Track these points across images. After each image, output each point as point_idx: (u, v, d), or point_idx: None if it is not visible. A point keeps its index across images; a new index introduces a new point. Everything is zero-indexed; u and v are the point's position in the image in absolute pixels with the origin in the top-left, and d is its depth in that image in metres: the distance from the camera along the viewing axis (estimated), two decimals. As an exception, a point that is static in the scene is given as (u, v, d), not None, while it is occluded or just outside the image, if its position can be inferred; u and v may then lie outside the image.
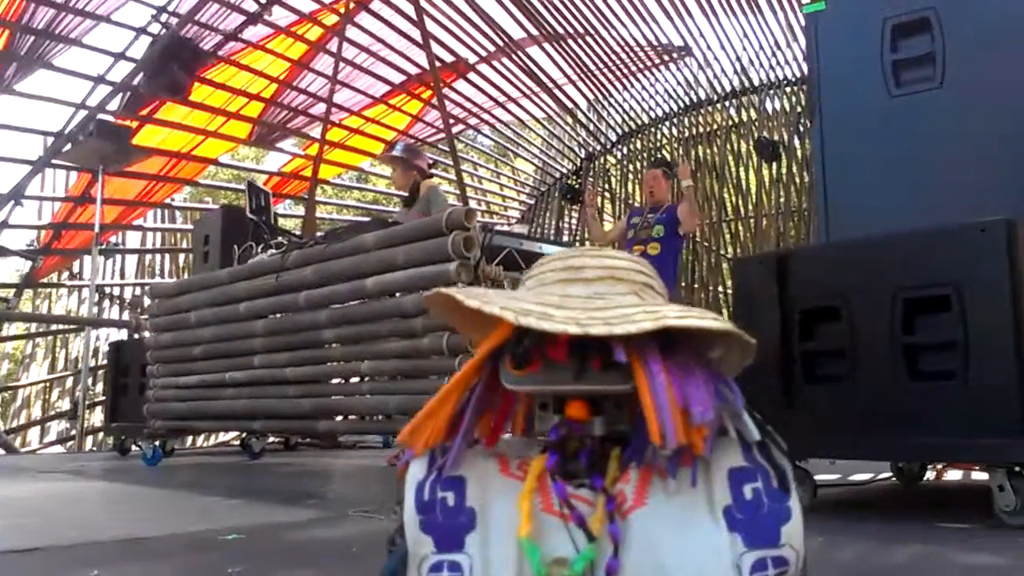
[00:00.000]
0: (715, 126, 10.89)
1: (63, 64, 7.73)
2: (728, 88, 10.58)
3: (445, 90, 9.17)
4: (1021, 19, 2.71)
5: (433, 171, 4.79)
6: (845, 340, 2.48)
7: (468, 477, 0.80)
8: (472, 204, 11.06)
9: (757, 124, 10.37)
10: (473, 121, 11.07)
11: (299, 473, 4.47)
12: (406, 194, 4.62)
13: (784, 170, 9.90)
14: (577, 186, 11.63)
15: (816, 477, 2.67)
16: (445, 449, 0.81)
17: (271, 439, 5.97)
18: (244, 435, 5.59)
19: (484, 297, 0.79)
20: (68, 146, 7.45)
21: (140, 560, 1.83)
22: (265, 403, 3.91)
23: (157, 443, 4.70)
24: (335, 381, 3.89)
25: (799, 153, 9.70)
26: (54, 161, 8.00)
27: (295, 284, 3.73)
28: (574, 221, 12.16)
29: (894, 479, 3.30)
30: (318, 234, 4.36)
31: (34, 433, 10.02)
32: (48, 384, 10.34)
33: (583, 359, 0.77)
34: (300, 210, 9.88)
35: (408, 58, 9.20)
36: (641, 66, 10.55)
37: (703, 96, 10.84)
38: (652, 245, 4.62)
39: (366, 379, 3.66)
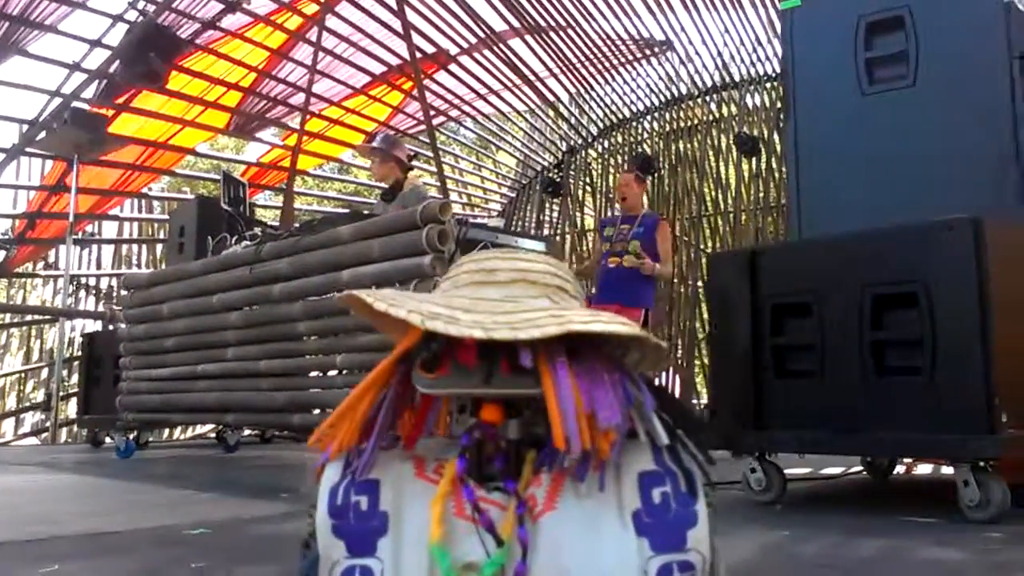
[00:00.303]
0: (696, 121, 10.92)
1: (38, 51, 7.63)
2: (709, 83, 10.60)
3: (426, 81, 9.13)
4: (993, 18, 2.73)
5: (414, 163, 4.75)
6: (815, 335, 2.51)
7: (383, 480, 0.79)
8: (453, 197, 11.05)
9: (737, 119, 10.40)
10: (454, 113, 11.02)
11: (273, 467, 4.45)
12: (386, 186, 4.58)
13: (763, 165, 9.96)
14: (559, 180, 11.63)
15: (787, 471, 2.69)
16: (360, 452, 0.81)
17: (247, 432, 5.94)
18: (220, 428, 5.55)
19: (393, 300, 0.79)
20: (43, 134, 7.35)
21: (103, 555, 1.81)
22: (238, 396, 3.89)
23: (130, 436, 4.66)
24: (313, 374, 3.87)
25: (779, 148, 9.74)
26: (28, 149, 7.89)
27: (269, 276, 3.70)
28: (555, 214, 12.16)
29: (864, 473, 3.34)
30: (294, 226, 4.33)
31: (8, 425, 9.91)
32: (23, 375, 10.22)
33: (492, 362, 0.77)
34: (280, 201, 9.79)
35: (389, 49, 9.14)
36: (623, 60, 10.54)
37: (684, 91, 10.86)
38: (628, 258, 4.48)
39: (342, 372, 3.65)
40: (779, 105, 9.81)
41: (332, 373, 3.80)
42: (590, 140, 11.97)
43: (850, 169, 2.92)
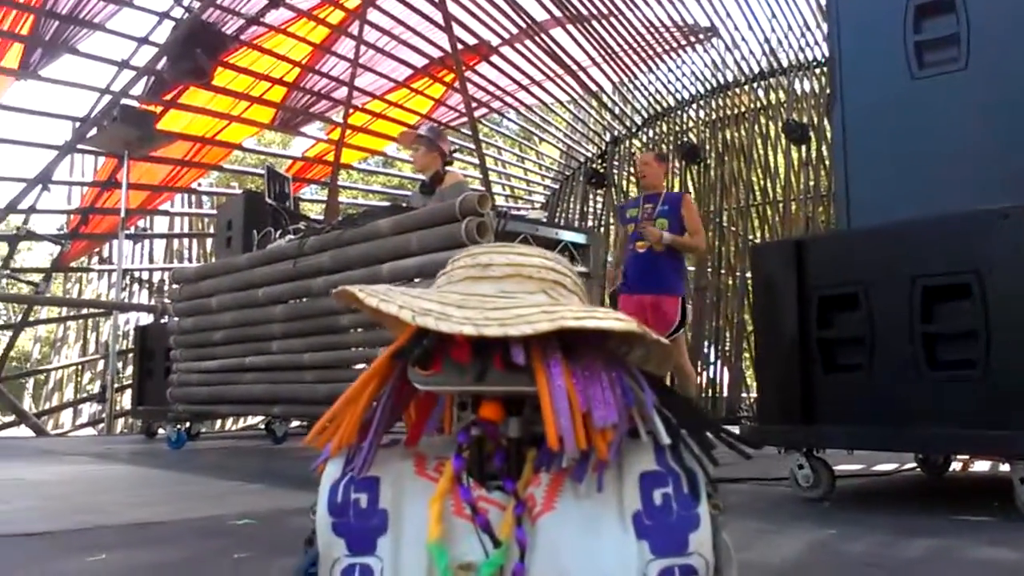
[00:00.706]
0: (743, 108, 10.74)
1: (87, 49, 7.81)
2: (756, 69, 10.41)
3: (468, 73, 9.13)
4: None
5: (456, 155, 4.72)
6: (863, 328, 2.44)
7: (383, 477, 0.78)
8: (496, 189, 11.04)
9: (786, 106, 10.20)
10: (496, 105, 11.00)
11: (319, 457, 4.49)
12: (425, 177, 4.56)
13: (814, 153, 9.75)
14: (602, 171, 11.55)
15: (837, 467, 2.63)
16: (359, 449, 0.80)
17: (294, 423, 6.02)
18: (268, 419, 5.64)
19: (385, 296, 0.78)
20: (94, 131, 7.52)
21: (149, 545, 1.84)
22: (284, 388, 3.93)
23: (182, 427, 4.75)
24: (359, 367, 3.90)
25: (829, 135, 9.53)
26: (80, 146, 8.08)
27: (312, 270, 3.74)
28: (599, 206, 12.08)
29: (918, 470, 3.25)
30: (336, 220, 4.36)
31: (67, 415, 10.22)
32: (79, 367, 10.52)
33: (485, 359, 0.76)
34: (324, 195, 9.90)
35: (431, 41, 9.15)
36: (667, 48, 10.41)
37: (730, 78, 10.68)
38: (649, 230, 4.28)
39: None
40: (828, 91, 9.59)
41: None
42: (634, 130, 11.85)
43: (900, 155, 2.82)
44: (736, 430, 3.12)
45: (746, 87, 10.65)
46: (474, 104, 9.19)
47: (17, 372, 12.07)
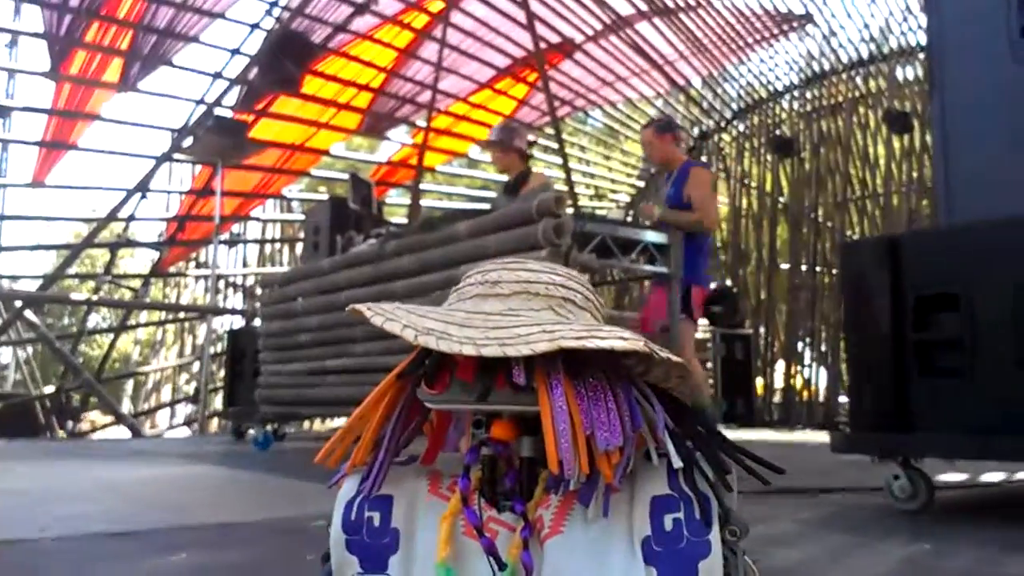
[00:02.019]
0: (840, 98, 10.32)
1: (182, 62, 8.14)
2: (855, 57, 9.98)
3: (551, 72, 9.07)
4: None
5: (541, 155, 4.62)
6: (964, 330, 2.28)
7: (396, 496, 0.78)
8: (579, 189, 10.97)
9: (887, 94, 9.74)
10: (580, 103, 10.91)
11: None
12: (509, 178, 4.50)
13: (917, 142, 9.28)
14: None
15: (938, 477, 2.46)
16: (372, 467, 0.80)
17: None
18: (352, 420, 5.73)
19: (391, 315, 0.77)
20: (189, 141, 7.83)
21: (228, 545, 1.88)
22: (365, 390, 3.95)
23: (268, 428, 4.87)
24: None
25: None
26: (176, 156, 8.43)
27: (393, 273, 3.76)
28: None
29: (1029, 481, 3.02)
30: (415, 224, 4.38)
31: (163, 415, 10.70)
32: (176, 368, 10.99)
33: (490, 378, 0.74)
34: (409, 198, 10.04)
35: (513, 41, 9.14)
36: (759, 37, 10.10)
37: (827, 67, 10.27)
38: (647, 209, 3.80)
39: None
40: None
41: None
42: (723, 124, 11.56)
43: (1003, 146, 2.62)
44: (827, 437, 2.97)
45: (843, 75, 10.22)
46: (557, 103, 9.14)
47: (118, 374, 12.71)
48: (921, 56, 9.40)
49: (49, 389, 9.08)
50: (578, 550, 0.72)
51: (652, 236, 3.69)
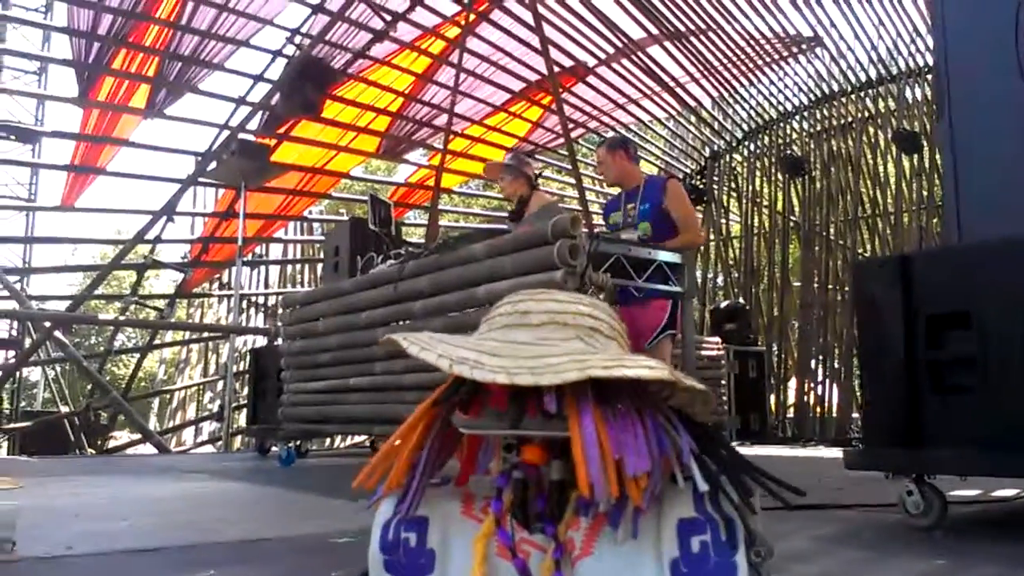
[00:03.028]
0: (849, 118, 10.38)
1: (207, 88, 8.32)
2: (863, 78, 10.05)
3: (565, 95, 9.19)
4: None
5: (548, 177, 4.74)
6: (976, 348, 2.32)
7: (431, 517, 0.81)
8: (594, 209, 11.02)
9: (896, 114, 9.79)
10: (594, 125, 11.02)
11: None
12: (512, 205, 4.61)
13: (927, 162, 9.32)
14: (702, 186, 11.37)
15: (951, 493, 2.50)
16: (408, 490, 0.83)
17: (398, 442, 6.15)
18: (373, 438, 5.80)
19: (427, 344, 0.81)
20: (213, 164, 7.97)
21: (252, 562, 1.91)
22: (386, 408, 4.05)
23: (292, 445, 4.94)
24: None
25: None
26: (201, 179, 8.58)
27: (412, 293, 3.84)
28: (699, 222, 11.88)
29: (1043, 496, 3.05)
30: (433, 244, 4.46)
31: (188, 433, 10.79)
32: (201, 387, 11.09)
33: (520, 406, 0.78)
34: (426, 219, 10.15)
35: (527, 65, 9.28)
36: (768, 59, 10.19)
37: (836, 88, 10.35)
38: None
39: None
40: (941, 97, 9.14)
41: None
42: (734, 144, 11.63)
43: (1013, 164, 2.68)
44: (840, 454, 3.01)
45: (853, 96, 10.29)
46: (571, 125, 9.24)
47: (144, 392, 12.84)
48: (929, 77, 9.45)
49: (77, 407, 9.21)
50: (609, 571, 0.75)
51: (666, 256, 3.75)
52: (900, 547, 2.13)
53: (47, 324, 8.29)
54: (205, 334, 10.96)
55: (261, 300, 11.21)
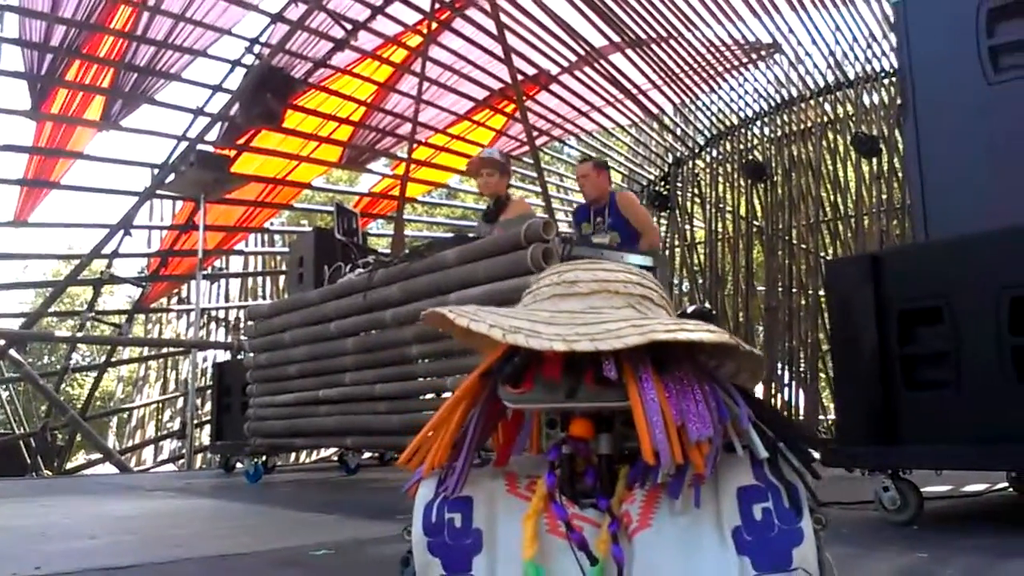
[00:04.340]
0: (809, 123, 10.55)
1: (164, 98, 8.16)
2: (822, 83, 10.23)
3: (528, 102, 9.21)
4: None
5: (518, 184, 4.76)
6: (948, 343, 2.35)
7: (475, 497, 0.79)
8: (559, 216, 11.07)
9: (854, 119, 9.98)
10: (557, 132, 11.06)
11: (391, 488, 4.53)
12: (489, 203, 4.58)
13: (885, 165, 9.50)
14: (665, 193, 11.47)
15: (924, 489, 2.52)
16: (452, 469, 0.81)
17: (366, 455, 6.08)
18: (341, 451, 5.72)
19: (475, 315, 0.78)
20: (171, 176, 7.84)
21: (230, 577, 1.87)
22: (357, 420, 3.99)
23: (259, 460, 4.85)
24: (428, 396, 3.93)
25: (900, 147, 9.27)
26: (159, 192, 8.42)
27: (382, 302, 3.79)
28: (663, 228, 11.97)
29: (1011, 490, 3.09)
30: (403, 252, 4.42)
31: (148, 452, 10.55)
32: (160, 405, 10.87)
33: (576, 376, 0.75)
34: (391, 229, 10.08)
35: (490, 73, 9.28)
36: (728, 66, 10.32)
37: (795, 93, 10.51)
38: None
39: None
40: (899, 102, 9.35)
41: (445, 395, 3.84)
42: (697, 150, 11.75)
43: (977, 164, 2.73)
44: (816, 454, 3.02)
45: (812, 102, 10.46)
46: (535, 133, 9.26)
47: (102, 411, 12.53)
48: (886, 82, 9.65)
49: (33, 428, 8.95)
50: (668, 543, 0.73)
51: (636, 259, 3.76)
52: (881, 542, 2.14)
53: (1, 342, 8.05)
54: (164, 350, 10.74)
55: (222, 314, 11.02)
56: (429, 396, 3.92)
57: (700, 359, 0.81)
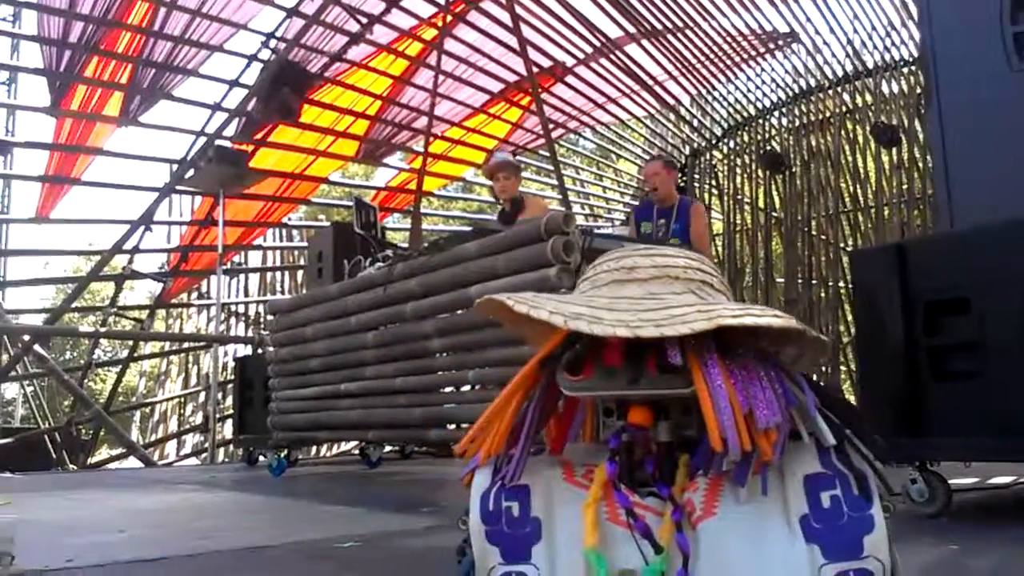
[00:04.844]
0: (828, 113, 10.46)
1: (182, 94, 8.21)
2: (840, 73, 10.14)
3: (544, 95, 9.18)
4: None
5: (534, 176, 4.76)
6: (976, 333, 2.32)
7: (533, 486, 0.78)
8: (575, 208, 11.05)
9: (873, 108, 9.88)
10: (573, 125, 11.02)
11: (414, 481, 4.55)
12: (505, 204, 4.61)
13: (906, 155, 9.40)
14: (683, 184, 11.41)
15: (952, 481, 2.50)
16: (509, 457, 0.80)
17: (387, 448, 6.11)
18: (363, 444, 5.74)
19: (534, 302, 0.77)
20: (191, 172, 7.88)
21: (260, 569, 1.88)
22: (378, 413, 4.00)
23: (282, 454, 4.88)
24: (448, 389, 3.94)
25: (920, 136, 9.19)
26: (178, 187, 8.48)
27: (402, 295, 3.80)
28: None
29: (1040, 481, 3.07)
30: (423, 246, 4.43)
31: (171, 446, 10.64)
32: (182, 399, 10.95)
33: (639, 362, 0.74)
34: (407, 223, 10.10)
35: (506, 66, 9.26)
36: (745, 56, 10.25)
37: (813, 83, 10.42)
38: None
39: (474, 387, 3.70)
40: (918, 91, 9.25)
41: (465, 388, 3.85)
42: (714, 141, 11.69)
43: (1002, 152, 2.70)
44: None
45: (830, 91, 10.37)
46: (551, 125, 9.23)
47: (124, 406, 12.66)
48: (905, 71, 9.55)
49: (57, 423, 9.05)
50: (734, 531, 0.72)
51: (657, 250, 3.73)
52: (911, 534, 2.12)
53: (26, 338, 8.14)
54: (186, 345, 10.82)
55: (241, 309, 11.09)
56: (448, 389, 3.94)
57: (761, 344, 0.79)
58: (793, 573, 0.69)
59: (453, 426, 3.98)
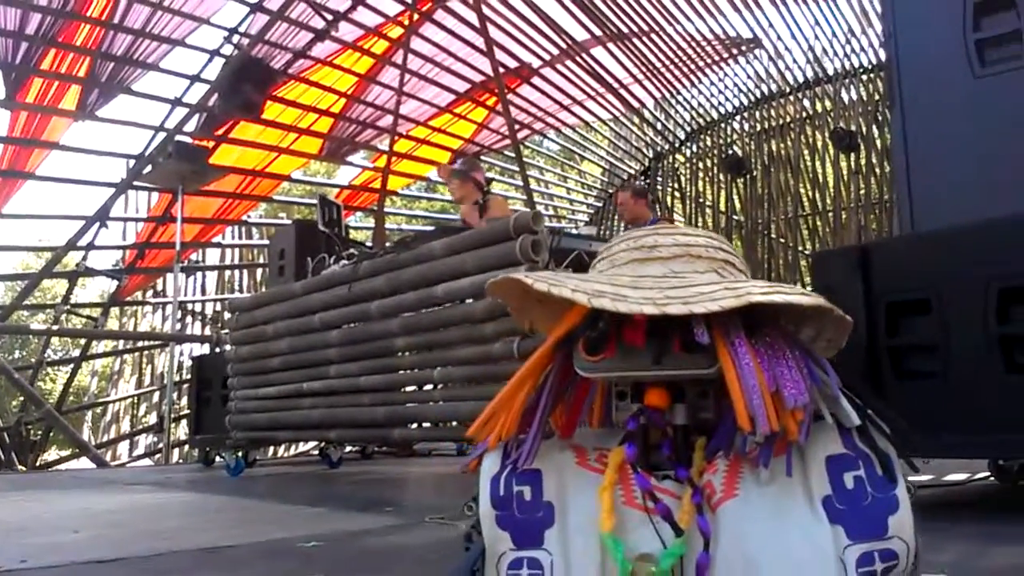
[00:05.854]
0: (788, 118, 10.63)
1: (142, 88, 8.05)
2: (801, 79, 10.31)
3: (510, 96, 9.18)
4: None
5: (488, 188, 4.73)
6: (936, 334, 2.36)
7: (544, 470, 0.76)
8: (539, 209, 11.06)
9: (833, 115, 10.06)
10: (538, 126, 11.04)
11: (376, 481, 4.51)
12: (463, 207, 4.63)
13: (863, 161, 9.59)
14: (646, 186, 11.51)
15: (908, 478, 2.54)
16: (519, 441, 0.78)
17: (348, 448, 6.05)
18: (323, 445, 5.68)
19: (554, 280, 0.75)
20: (149, 168, 7.73)
21: (219, 569, 1.85)
22: (341, 412, 3.96)
23: (239, 454, 4.80)
24: (409, 388, 3.91)
25: (878, 143, 9.37)
26: (136, 183, 8.31)
27: (367, 294, 3.76)
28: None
29: (992, 478, 3.13)
30: (389, 244, 4.40)
31: (124, 447, 10.41)
32: (136, 399, 10.72)
33: (662, 342, 0.72)
34: (371, 222, 10.02)
35: (472, 66, 9.24)
36: (709, 61, 10.37)
37: (775, 88, 10.58)
38: None
39: (438, 386, 3.67)
40: (876, 98, 9.44)
41: (428, 387, 3.82)
42: (677, 145, 11.80)
43: (964, 157, 2.75)
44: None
45: (791, 97, 10.53)
46: (516, 126, 9.23)
47: (76, 406, 12.36)
48: (864, 77, 9.74)
49: (6, 423, 8.79)
50: (757, 512, 0.70)
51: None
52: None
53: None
54: (140, 344, 10.59)
55: (199, 307, 10.89)
56: (410, 388, 3.91)
57: (782, 323, 0.78)
58: (817, 554, 0.68)
59: (415, 425, 3.95)
